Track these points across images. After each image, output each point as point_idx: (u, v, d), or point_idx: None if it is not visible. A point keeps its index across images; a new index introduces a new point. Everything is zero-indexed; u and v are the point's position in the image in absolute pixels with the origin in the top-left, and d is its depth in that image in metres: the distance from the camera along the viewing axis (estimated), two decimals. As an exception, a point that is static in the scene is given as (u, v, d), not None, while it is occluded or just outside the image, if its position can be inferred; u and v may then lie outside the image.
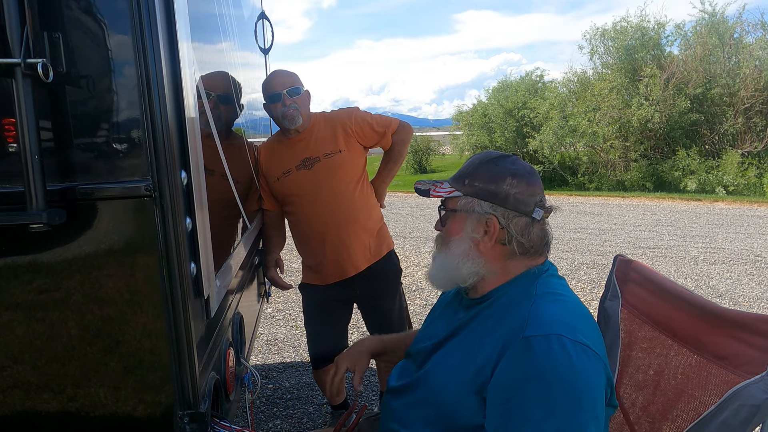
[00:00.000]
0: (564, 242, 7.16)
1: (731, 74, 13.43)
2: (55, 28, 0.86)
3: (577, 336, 1.00)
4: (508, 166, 1.17)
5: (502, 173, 1.16)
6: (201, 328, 1.04)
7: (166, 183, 0.90)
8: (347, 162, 2.23)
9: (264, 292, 2.47)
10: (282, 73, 2.22)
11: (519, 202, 1.15)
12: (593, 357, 0.99)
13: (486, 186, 1.15)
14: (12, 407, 0.97)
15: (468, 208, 1.16)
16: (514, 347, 1.02)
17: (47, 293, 0.94)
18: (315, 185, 2.19)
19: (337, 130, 2.24)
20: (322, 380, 2.50)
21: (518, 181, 1.15)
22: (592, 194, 12.97)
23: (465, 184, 1.18)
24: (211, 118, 1.25)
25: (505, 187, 1.14)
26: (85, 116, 0.90)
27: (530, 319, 1.04)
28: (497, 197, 1.14)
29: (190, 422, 0.97)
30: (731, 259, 5.94)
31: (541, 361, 0.98)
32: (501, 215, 1.14)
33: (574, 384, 0.96)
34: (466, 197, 1.17)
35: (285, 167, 2.22)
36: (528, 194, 1.16)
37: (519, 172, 1.17)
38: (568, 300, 1.13)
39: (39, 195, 0.83)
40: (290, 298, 4.99)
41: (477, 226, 1.15)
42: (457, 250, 1.16)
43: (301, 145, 2.22)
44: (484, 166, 1.18)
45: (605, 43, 15.58)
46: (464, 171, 1.20)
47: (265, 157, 2.28)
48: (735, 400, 1.08)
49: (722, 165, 12.72)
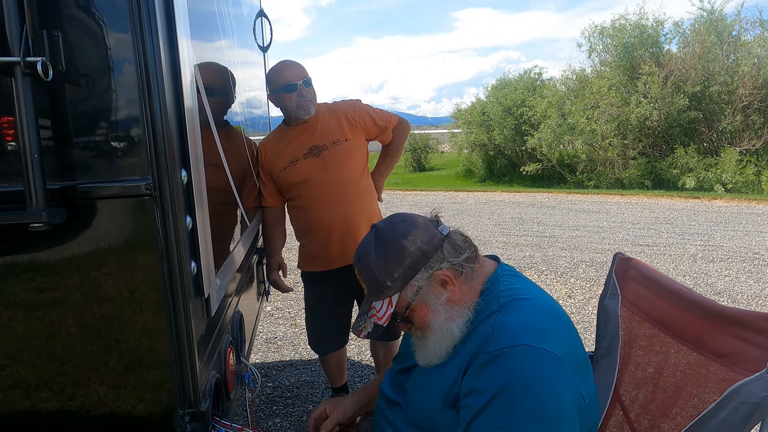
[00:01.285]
0: (562, 240, 7.17)
1: (729, 72, 13.44)
2: (55, 27, 0.85)
3: (543, 343, 1.00)
4: (392, 236, 1.12)
5: (397, 245, 1.11)
6: (201, 326, 1.04)
7: (167, 182, 0.90)
8: (353, 150, 2.26)
9: (263, 291, 2.46)
10: (293, 64, 2.24)
11: (430, 243, 1.12)
12: (557, 363, 0.99)
13: (402, 266, 1.10)
14: (12, 406, 0.97)
15: (413, 293, 1.12)
16: (479, 360, 1.03)
17: (48, 292, 0.93)
18: (323, 171, 2.21)
19: (341, 120, 2.27)
20: (326, 365, 2.60)
21: (411, 234, 1.12)
22: (590, 192, 12.97)
23: (389, 285, 1.11)
24: (211, 117, 1.25)
25: (411, 249, 1.10)
26: (85, 115, 0.90)
27: (495, 332, 1.05)
28: (418, 262, 1.10)
29: (191, 421, 0.97)
30: (729, 256, 5.95)
31: (504, 373, 0.99)
32: (437, 264, 1.11)
33: (537, 394, 0.97)
34: (403, 290, 1.12)
35: (292, 156, 2.24)
36: (424, 230, 1.14)
37: (401, 230, 1.13)
38: (531, 301, 1.12)
39: (39, 194, 0.83)
40: (289, 296, 4.99)
41: (435, 292, 1.12)
42: (440, 323, 1.12)
43: (308, 134, 2.24)
44: (381, 257, 1.11)
45: (604, 40, 15.58)
46: (374, 278, 1.13)
47: (269, 150, 2.29)
48: (735, 397, 1.08)
49: (720, 163, 12.75)
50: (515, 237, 7.55)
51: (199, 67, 1.12)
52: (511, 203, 11.37)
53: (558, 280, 5.27)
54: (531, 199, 12.07)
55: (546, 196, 12.38)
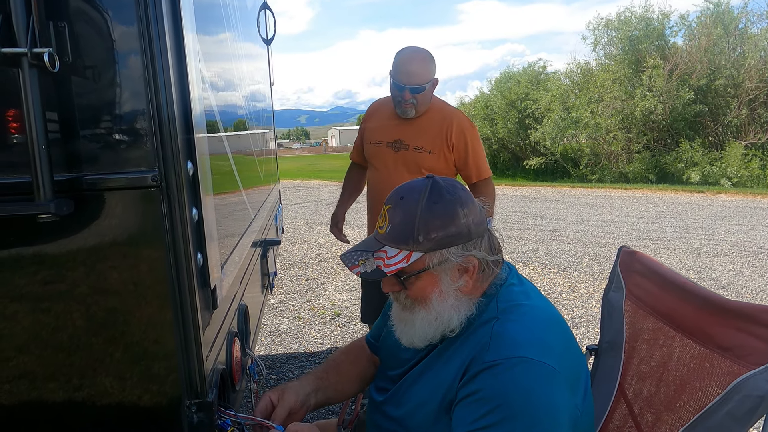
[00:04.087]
0: (566, 234, 7.16)
1: (736, 65, 13.36)
2: (61, 18, 0.85)
3: (541, 355, 0.97)
4: (450, 197, 1.03)
5: (451, 209, 1.02)
6: (207, 318, 1.04)
7: (173, 173, 0.90)
8: (429, 164, 2.26)
9: (268, 284, 2.47)
10: (416, 64, 2.19)
11: (478, 227, 1.05)
12: (554, 376, 0.96)
13: (446, 232, 1.01)
14: (20, 396, 0.98)
15: (437, 263, 1.03)
16: (475, 368, 0.99)
17: (54, 284, 0.94)
18: (391, 170, 2.27)
19: (442, 132, 2.28)
20: None
21: (468, 207, 1.04)
22: (594, 186, 12.94)
23: (420, 241, 1.01)
24: (216, 109, 1.25)
25: (462, 221, 1.03)
26: (92, 106, 0.90)
27: (492, 341, 1.01)
28: (461, 236, 1.03)
29: (198, 411, 0.98)
30: (734, 250, 5.93)
31: (500, 385, 0.95)
32: (473, 249, 1.04)
33: (532, 409, 0.94)
34: (429, 253, 1.02)
35: (378, 138, 2.31)
36: (478, 213, 1.07)
37: (461, 197, 1.05)
38: (531, 309, 1.07)
39: (47, 185, 0.83)
40: (293, 289, 5.01)
41: (453, 273, 1.05)
42: (443, 306, 1.05)
43: (404, 126, 2.28)
44: (429, 213, 1.02)
45: (609, 33, 15.48)
46: (408, 224, 1.02)
47: (371, 112, 2.39)
48: (739, 390, 1.08)
49: (726, 157, 12.69)
50: (518, 231, 7.54)
51: (204, 59, 1.12)
52: (514, 197, 11.35)
53: (561, 274, 5.27)
54: (534, 193, 12.04)
55: (549, 190, 12.35)
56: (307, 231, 7.89)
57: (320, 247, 6.67)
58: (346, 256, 1.09)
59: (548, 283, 4.97)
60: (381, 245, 1.05)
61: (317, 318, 4.22)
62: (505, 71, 19.05)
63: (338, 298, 4.70)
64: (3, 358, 0.96)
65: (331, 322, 4.11)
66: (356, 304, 4.48)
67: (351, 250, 1.09)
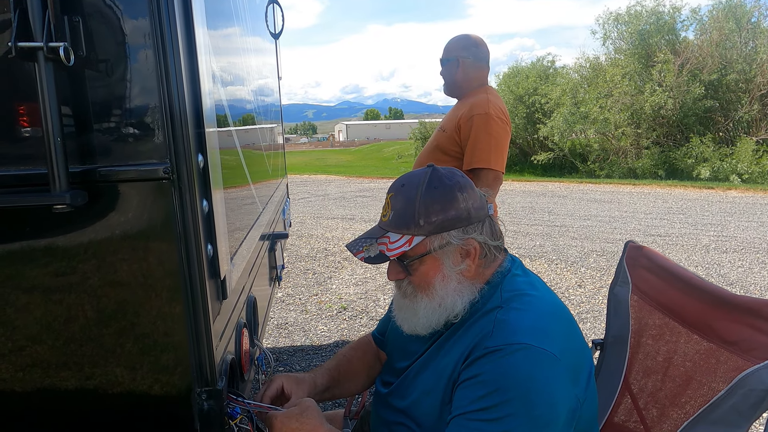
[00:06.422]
0: (573, 230, 7.14)
1: (748, 60, 13.19)
2: (75, 13, 0.87)
3: (542, 342, 0.98)
4: (449, 182, 1.08)
5: (450, 193, 1.06)
6: (217, 308, 1.06)
7: (184, 166, 0.92)
8: (441, 143, 2.41)
9: (275, 276, 2.50)
10: (452, 40, 2.41)
11: (478, 211, 1.09)
12: (554, 363, 0.98)
13: (446, 215, 1.05)
14: (33, 384, 1.00)
15: (438, 246, 1.06)
16: (476, 354, 1.01)
17: (67, 275, 0.96)
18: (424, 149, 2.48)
19: (458, 113, 2.39)
20: None
21: (467, 192, 1.08)
22: (602, 182, 12.86)
23: (421, 225, 1.05)
24: (226, 103, 1.26)
25: (461, 205, 1.06)
26: (105, 100, 0.92)
27: (495, 328, 1.03)
28: (461, 220, 1.06)
29: (208, 399, 1.00)
30: (743, 247, 5.89)
31: (500, 370, 0.97)
32: (474, 232, 1.07)
33: (530, 395, 0.95)
34: (430, 237, 1.06)
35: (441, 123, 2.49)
36: (478, 198, 1.10)
37: (460, 182, 1.09)
38: (535, 299, 1.09)
39: (62, 176, 0.85)
40: (300, 283, 5.04)
41: (455, 257, 1.08)
42: (446, 291, 1.07)
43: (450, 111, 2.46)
44: (428, 197, 1.06)
45: (619, 27, 15.34)
46: (409, 209, 1.06)
47: None
48: (744, 385, 1.09)
49: (736, 153, 12.56)
50: (526, 226, 7.53)
51: (214, 53, 1.13)
52: (521, 192, 11.31)
53: (568, 270, 5.26)
54: (542, 188, 11.99)
55: (557, 186, 12.29)
56: (314, 225, 7.91)
57: (327, 242, 6.69)
58: (352, 244, 1.13)
59: (555, 279, 4.97)
60: (384, 231, 1.09)
61: (324, 311, 4.25)
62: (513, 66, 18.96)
63: (345, 292, 4.72)
64: (17, 347, 0.98)
65: (337, 316, 4.14)
66: (363, 298, 4.50)
67: (356, 239, 1.14)
